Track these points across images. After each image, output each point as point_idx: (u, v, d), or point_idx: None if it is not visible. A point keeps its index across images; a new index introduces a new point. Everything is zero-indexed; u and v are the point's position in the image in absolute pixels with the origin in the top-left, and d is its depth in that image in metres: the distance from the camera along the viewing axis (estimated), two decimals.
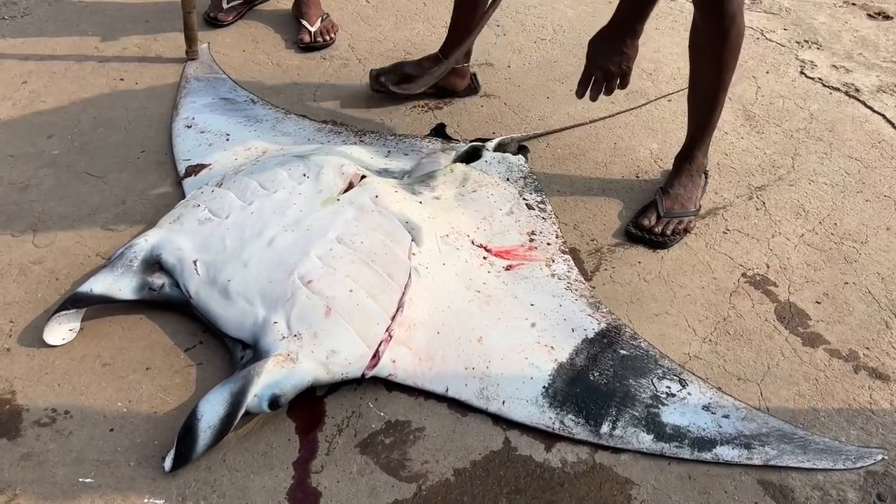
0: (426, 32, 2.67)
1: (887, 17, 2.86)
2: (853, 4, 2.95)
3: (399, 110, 2.30)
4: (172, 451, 1.32)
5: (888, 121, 2.32)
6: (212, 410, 1.32)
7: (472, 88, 2.35)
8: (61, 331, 1.54)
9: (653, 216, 1.84)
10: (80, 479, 1.33)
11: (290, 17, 2.70)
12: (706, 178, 1.98)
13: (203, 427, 1.31)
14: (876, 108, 2.37)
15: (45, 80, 2.36)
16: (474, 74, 2.35)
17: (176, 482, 1.33)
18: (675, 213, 1.84)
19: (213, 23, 2.67)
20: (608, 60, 1.77)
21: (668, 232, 1.82)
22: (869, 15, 2.88)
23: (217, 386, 1.36)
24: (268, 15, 2.77)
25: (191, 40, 2.44)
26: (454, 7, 2.21)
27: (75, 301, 1.53)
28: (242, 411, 1.34)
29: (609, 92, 1.83)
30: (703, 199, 1.99)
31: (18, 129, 2.15)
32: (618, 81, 1.81)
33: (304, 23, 2.58)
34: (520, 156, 2.06)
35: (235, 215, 1.65)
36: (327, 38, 2.59)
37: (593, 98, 1.84)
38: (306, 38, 2.57)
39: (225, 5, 2.67)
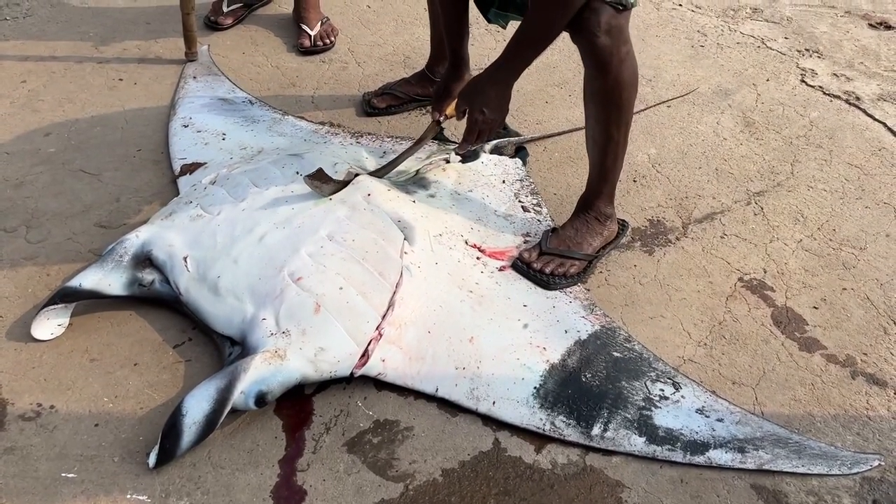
0: (426, 37, 2.65)
1: (889, 27, 2.85)
2: (855, 14, 2.95)
3: (396, 114, 2.29)
4: (157, 447, 1.30)
5: (889, 129, 2.31)
6: (197, 406, 1.31)
7: None
8: (50, 326, 1.53)
9: (535, 251, 1.71)
10: (63, 474, 1.31)
11: (290, 22, 2.71)
12: (622, 229, 1.84)
13: (188, 423, 1.30)
14: (877, 117, 2.36)
15: (44, 79, 2.36)
16: None
17: (160, 478, 1.31)
18: (556, 251, 1.70)
19: (212, 26, 2.68)
20: (493, 106, 1.65)
21: (547, 271, 1.67)
22: (870, 25, 2.87)
23: (203, 381, 1.34)
24: (267, 19, 2.77)
25: (190, 42, 2.44)
26: (430, 24, 2.30)
27: (64, 296, 1.52)
28: (228, 408, 1.32)
29: (481, 141, 1.72)
30: (699, 204, 1.98)
31: (16, 127, 2.15)
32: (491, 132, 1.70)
33: (304, 27, 2.58)
34: (517, 158, 2.05)
35: (227, 212, 1.64)
36: (327, 41, 2.59)
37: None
38: (306, 42, 2.57)
39: (225, 8, 2.68)
